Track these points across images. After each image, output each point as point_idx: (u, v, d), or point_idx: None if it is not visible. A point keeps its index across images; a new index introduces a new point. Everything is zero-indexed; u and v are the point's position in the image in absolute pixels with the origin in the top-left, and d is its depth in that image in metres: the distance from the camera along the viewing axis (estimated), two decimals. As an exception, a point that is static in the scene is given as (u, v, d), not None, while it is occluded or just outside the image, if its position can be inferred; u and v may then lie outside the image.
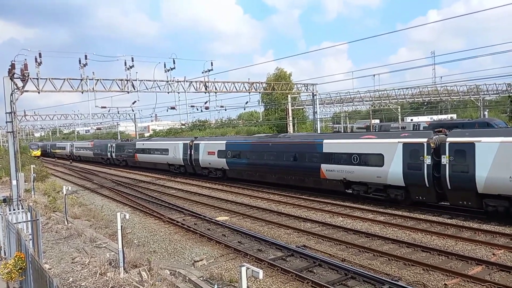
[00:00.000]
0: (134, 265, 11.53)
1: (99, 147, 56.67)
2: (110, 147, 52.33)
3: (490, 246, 12.93)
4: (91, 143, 60.26)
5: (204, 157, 32.04)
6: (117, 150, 50.45)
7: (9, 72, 22.58)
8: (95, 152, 57.59)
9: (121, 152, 49.06)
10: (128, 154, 46.75)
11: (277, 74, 64.85)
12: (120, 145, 50.39)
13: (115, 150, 50.81)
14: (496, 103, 69.30)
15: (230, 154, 29.46)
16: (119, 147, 49.93)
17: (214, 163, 31.09)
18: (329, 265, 11.53)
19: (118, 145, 50.78)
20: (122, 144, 50.30)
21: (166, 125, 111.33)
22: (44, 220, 18.19)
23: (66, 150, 71.15)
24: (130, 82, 26.50)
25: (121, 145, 49.95)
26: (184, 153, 34.71)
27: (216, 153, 30.47)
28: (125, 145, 48.61)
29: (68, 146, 71.33)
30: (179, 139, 39.92)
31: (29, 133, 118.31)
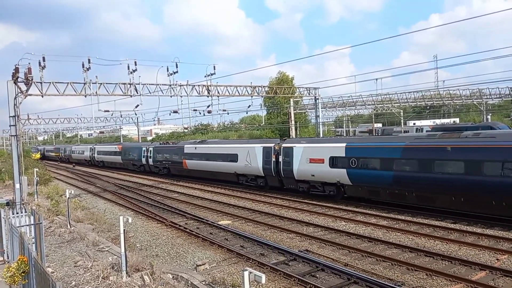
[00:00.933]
0: (137, 269, 11.53)
1: (130, 151, 48.22)
2: (146, 152, 43.75)
3: (494, 251, 12.85)
4: (119, 147, 51.82)
5: (303, 166, 23.41)
6: (156, 155, 41.59)
7: (13, 76, 22.71)
8: (124, 157, 49.22)
9: (162, 157, 40.14)
10: (173, 160, 37.85)
11: (280, 78, 64.92)
12: (160, 149, 41.49)
13: (153, 155, 42.06)
14: (499, 107, 69.11)
15: (355, 163, 20.56)
16: (159, 152, 41.15)
17: (322, 175, 22.36)
18: (332, 270, 11.49)
19: (158, 149, 41.87)
20: (163, 148, 41.28)
21: (168, 128, 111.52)
22: (47, 223, 18.24)
23: (85, 154, 63.67)
24: (133, 86, 26.59)
25: (162, 149, 41.06)
26: (266, 160, 26.42)
27: (327, 161, 21.92)
28: (168, 149, 39.75)
29: (87, 150, 63.54)
30: (255, 141, 31.85)
31: (32, 137, 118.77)
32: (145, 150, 44.11)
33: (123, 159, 49.88)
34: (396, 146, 19.26)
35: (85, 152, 63.99)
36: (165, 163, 39.63)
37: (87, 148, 64.38)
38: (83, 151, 65.92)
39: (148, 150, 43.47)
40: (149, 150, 43.31)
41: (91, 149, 61.75)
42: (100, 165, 57.78)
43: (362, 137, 33.70)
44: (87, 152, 62.86)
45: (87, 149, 63.59)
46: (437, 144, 17.49)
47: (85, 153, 63.96)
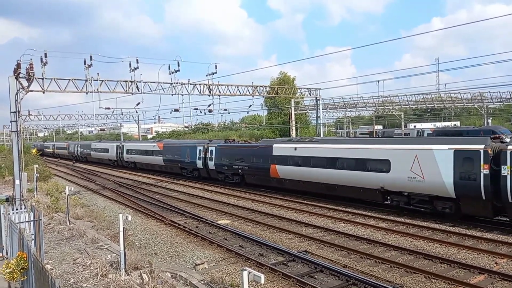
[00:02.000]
0: (135, 267, 11.53)
1: (177, 150, 37.63)
2: (202, 152, 33.26)
3: (492, 255, 12.85)
4: (159, 145, 41.28)
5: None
6: (221, 156, 31.06)
7: (14, 71, 22.72)
8: (168, 158, 39.07)
9: (231, 160, 29.87)
10: (252, 166, 27.69)
11: (281, 78, 64.89)
12: (229, 149, 30.88)
13: (215, 156, 31.58)
14: (500, 111, 69.09)
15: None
16: (227, 152, 30.62)
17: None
18: (331, 271, 11.49)
19: (224, 149, 31.14)
20: (234, 148, 30.79)
21: (169, 127, 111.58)
22: (46, 220, 18.23)
23: (110, 153, 53.44)
24: (135, 84, 26.63)
25: (232, 150, 30.55)
26: (462, 171, 16.21)
27: None
28: (243, 150, 29.32)
29: (113, 148, 52.93)
30: (427, 141, 20.09)
31: (32, 133, 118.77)
32: (202, 149, 33.41)
33: (166, 161, 39.42)
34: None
35: (110, 151, 53.44)
36: (236, 168, 29.20)
37: (112, 146, 53.45)
38: (106, 149, 55.16)
39: (207, 150, 32.84)
40: (209, 150, 32.60)
41: (118, 147, 51.24)
42: (131, 166, 48.36)
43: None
44: (113, 151, 52.51)
45: (112, 147, 52.95)
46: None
47: (110, 151, 53.40)
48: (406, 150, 18.37)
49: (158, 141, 45.60)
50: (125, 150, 48.99)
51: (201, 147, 33.78)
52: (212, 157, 31.93)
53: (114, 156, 51.88)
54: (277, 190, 25.91)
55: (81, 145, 67.89)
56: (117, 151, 51.22)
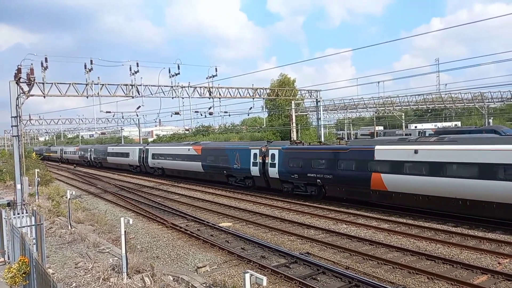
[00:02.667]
0: (137, 270, 11.51)
1: (220, 155, 31.32)
2: (259, 156, 26.89)
3: (495, 255, 12.82)
4: (197, 148, 34.17)
5: None
6: (287, 161, 24.74)
7: (15, 76, 22.76)
8: (208, 163, 32.62)
9: (304, 167, 23.60)
10: (337, 173, 21.82)
11: (281, 80, 64.89)
12: (299, 151, 24.56)
13: (281, 161, 25.08)
14: (501, 111, 69.06)
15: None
16: (297, 156, 24.34)
17: None
18: (333, 273, 11.46)
19: (292, 151, 24.84)
20: (306, 150, 24.39)
21: (169, 130, 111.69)
22: (48, 224, 18.23)
23: (131, 158, 46.75)
24: (135, 87, 26.65)
25: (303, 152, 24.26)
26: None
27: None
28: (320, 153, 23.41)
29: (134, 152, 46.02)
30: None
31: (33, 137, 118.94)
32: (258, 153, 27.07)
33: (207, 167, 32.95)
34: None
35: (131, 155, 46.86)
36: (313, 177, 22.99)
37: (133, 150, 46.64)
38: (126, 153, 48.40)
39: (266, 154, 26.29)
40: (269, 153, 25.94)
41: (141, 151, 44.72)
42: (157, 173, 42.04)
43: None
44: (134, 155, 45.94)
45: (134, 151, 46.31)
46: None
47: (131, 156, 46.80)
48: None
49: (194, 143, 37.21)
50: (150, 154, 42.40)
51: (257, 150, 27.35)
52: (275, 162, 25.33)
53: (136, 161, 45.42)
54: (377, 206, 20.35)
55: (95, 149, 60.24)
56: (140, 155, 44.66)
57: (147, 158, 43.15)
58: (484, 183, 15.59)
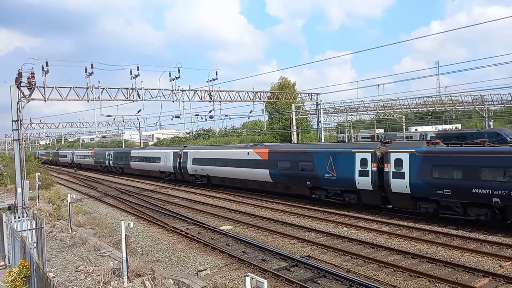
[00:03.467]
0: (138, 274, 11.49)
1: (299, 160, 24.30)
2: (371, 161, 20.03)
3: (497, 258, 12.79)
4: (261, 152, 27.25)
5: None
6: (430, 169, 17.54)
7: (16, 80, 22.83)
8: (281, 171, 25.44)
9: (464, 177, 16.37)
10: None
11: (281, 83, 65.02)
12: (453, 155, 17.27)
13: (419, 167, 17.93)
14: (501, 113, 69.10)
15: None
16: (451, 161, 17.17)
17: None
18: (334, 276, 11.44)
19: (442, 156, 17.55)
20: (473, 155, 16.63)
21: (170, 133, 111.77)
22: (48, 228, 18.21)
23: (164, 163, 38.89)
24: (136, 91, 26.71)
25: (461, 157, 16.87)
26: None
27: None
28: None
29: (167, 156, 38.42)
30: None
31: (34, 141, 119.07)
32: (371, 157, 20.09)
33: (278, 176, 25.63)
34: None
35: (164, 160, 38.91)
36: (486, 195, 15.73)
37: (166, 154, 38.57)
38: (156, 157, 40.72)
39: (385, 159, 19.48)
40: (390, 158, 19.16)
41: (177, 155, 36.66)
42: (200, 182, 34.16)
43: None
44: (168, 160, 38.14)
45: (167, 156, 38.28)
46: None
47: (164, 161, 38.87)
48: None
49: (255, 145, 29.27)
50: (190, 159, 34.77)
51: (368, 154, 20.17)
52: (403, 171, 18.40)
53: (170, 167, 37.77)
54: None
55: (115, 153, 52.90)
56: (175, 160, 36.97)
57: (185, 163, 35.30)
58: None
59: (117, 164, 51.03)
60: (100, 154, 58.02)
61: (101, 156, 57.09)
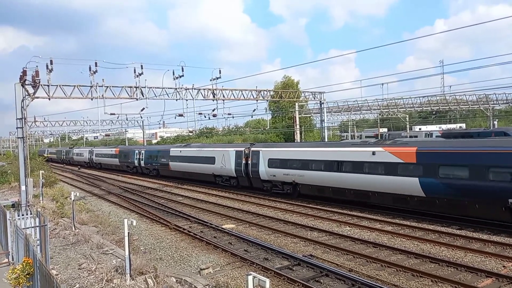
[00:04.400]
0: (141, 272, 11.53)
1: (482, 164, 15.59)
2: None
3: (500, 258, 12.72)
4: (400, 151, 18.91)
5: None
6: None
7: (20, 78, 22.92)
8: (447, 180, 16.78)
9: None
10: None
11: (285, 82, 64.98)
12: None
13: None
14: (506, 112, 68.70)
15: None
16: None
17: None
18: (336, 275, 11.42)
19: None
20: None
21: (173, 132, 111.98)
22: (52, 225, 18.31)
23: (221, 164, 31.15)
24: (139, 89, 26.72)
25: None
26: None
27: None
28: None
29: (226, 156, 30.72)
30: None
31: (38, 139, 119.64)
32: None
33: (441, 186, 17.08)
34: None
35: (220, 160, 31.24)
36: None
37: (224, 154, 30.88)
38: (209, 157, 32.69)
39: None
40: None
41: (241, 154, 29.16)
42: (281, 190, 25.95)
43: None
44: (226, 160, 30.56)
45: (226, 155, 30.68)
46: None
47: (220, 161, 31.22)
48: None
49: (381, 143, 21.23)
50: (264, 159, 26.58)
51: None
52: None
53: (232, 169, 29.90)
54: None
55: (148, 151, 44.74)
56: (239, 160, 29.27)
57: (256, 165, 27.29)
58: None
59: (151, 165, 43.16)
60: (127, 153, 49.72)
61: (128, 155, 48.88)
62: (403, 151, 18.99)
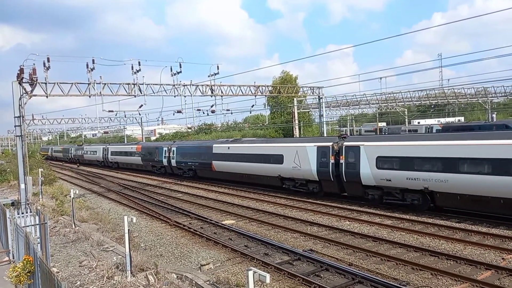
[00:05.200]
0: (141, 268, 11.55)
1: None
2: None
3: (499, 251, 12.78)
4: None
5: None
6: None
7: (17, 76, 22.84)
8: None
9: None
10: None
11: (283, 77, 64.82)
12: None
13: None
14: (504, 105, 68.77)
15: None
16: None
17: None
18: (336, 270, 11.46)
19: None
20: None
21: (172, 128, 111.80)
22: (52, 223, 18.32)
23: (294, 162, 23.82)
24: (137, 86, 26.68)
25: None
26: None
27: None
28: None
29: (302, 153, 23.43)
30: None
31: (37, 137, 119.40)
32: None
33: None
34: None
35: (300, 159, 23.67)
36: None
37: (301, 151, 23.71)
38: (275, 156, 25.59)
39: None
40: None
41: (326, 151, 22.26)
42: (410, 201, 18.67)
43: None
44: (304, 159, 23.44)
45: (302, 153, 23.58)
46: None
47: (300, 160, 23.69)
48: None
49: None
50: (370, 158, 19.85)
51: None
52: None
53: (313, 171, 22.80)
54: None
55: (180, 148, 37.74)
56: (323, 159, 22.33)
57: (355, 166, 20.47)
58: None
59: (186, 164, 36.17)
60: (152, 150, 42.91)
61: (154, 152, 42.02)
62: None
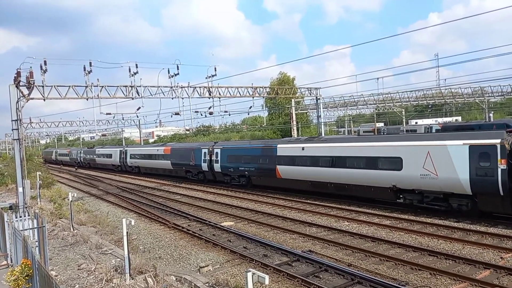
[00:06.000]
0: (140, 271, 11.53)
1: None
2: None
3: (498, 250, 12.80)
4: None
5: None
6: None
7: (14, 80, 22.77)
8: None
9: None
10: None
11: (281, 79, 64.91)
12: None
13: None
14: (501, 105, 68.99)
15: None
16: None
17: None
18: (335, 270, 11.47)
19: None
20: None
21: (170, 130, 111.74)
22: (50, 227, 18.25)
23: (423, 168, 16.84)
24: (135, 89, 26.63)
25: None
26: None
27: None
28: None
29: (454, 153, 15.96)
30: None
31: (35, 140, 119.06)
32: None
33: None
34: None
35: (435, 163, 16.67)
36: None
37: (444, 151, 16.43)
38: (418, 154, 17.34)
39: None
40: None
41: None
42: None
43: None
44: (443, 164, 16.46)
45: (444, 153, 16.41)
46: None
47: (439, 167, 16.52)
48: None
49: None
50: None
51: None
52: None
53: (464, 180, 15.84)
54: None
55: (225, 149, 30.99)
56: (481, 163, 15.38)
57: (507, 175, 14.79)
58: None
59: (236, 170, 29.50)
60: (186, 152, 35.84)
61: (189, 155, 35.05)
62: None
